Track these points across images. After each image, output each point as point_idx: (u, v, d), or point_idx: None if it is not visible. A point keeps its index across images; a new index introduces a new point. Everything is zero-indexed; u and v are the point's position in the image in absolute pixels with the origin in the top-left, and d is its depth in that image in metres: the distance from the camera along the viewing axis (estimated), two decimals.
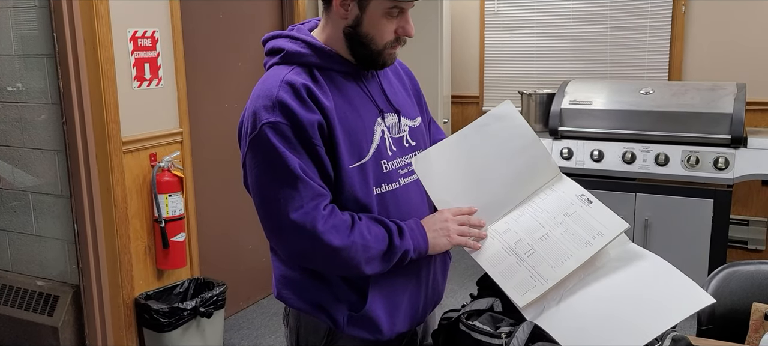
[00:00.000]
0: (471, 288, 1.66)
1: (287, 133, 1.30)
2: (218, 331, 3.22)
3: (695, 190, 3.52)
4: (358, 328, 1.42)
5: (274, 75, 1.37)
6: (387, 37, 1.38)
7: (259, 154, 1.32)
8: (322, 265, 1.38)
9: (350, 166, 1.36)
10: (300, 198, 1.29)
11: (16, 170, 3.22)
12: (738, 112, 3.43)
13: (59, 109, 2.96)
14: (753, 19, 4.01)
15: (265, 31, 4.19)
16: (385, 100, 1.47)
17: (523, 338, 1.29)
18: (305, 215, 1.29)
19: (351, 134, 1.37)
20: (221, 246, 3.72)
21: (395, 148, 1.45)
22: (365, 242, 1.32)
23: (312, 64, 1.38)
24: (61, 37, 2.85)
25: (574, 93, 3.92)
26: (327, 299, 1.42)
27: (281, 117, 1.30)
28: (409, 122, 1.51)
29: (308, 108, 1.32)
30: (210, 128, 3.58)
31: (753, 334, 1.82)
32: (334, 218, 1.31)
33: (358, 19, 1.36)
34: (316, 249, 1.31)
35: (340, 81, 1.40)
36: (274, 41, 1.45)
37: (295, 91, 1.32)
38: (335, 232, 1.30)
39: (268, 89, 1.34)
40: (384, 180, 1.41)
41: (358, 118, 1.39)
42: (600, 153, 3.69)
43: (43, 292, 3.17)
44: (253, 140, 1.32)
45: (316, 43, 1.40)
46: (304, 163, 1.31)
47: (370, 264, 1.35)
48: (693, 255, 3.55)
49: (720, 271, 1.97)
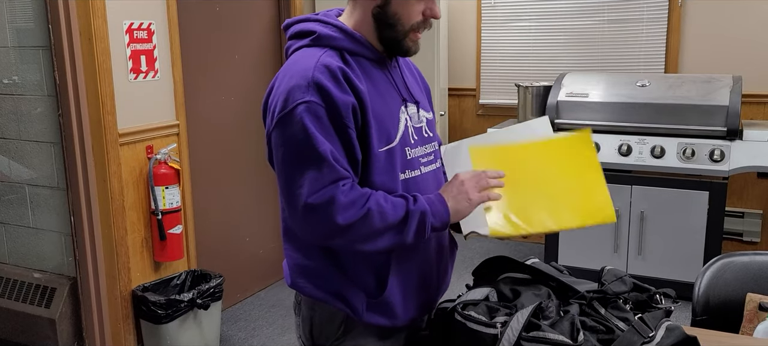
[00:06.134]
0: (467, 279, 1.67)
1: (321, 113, 1.31)
2: (215, 323, 3.22)
3: (691, 182, 3.54)
4: (377, 314, 1.44)
5: (307, 56, 1.38)
6: (414, 18, 1.40)
7: (287, 132, 1.33)
8: (342, 240, 1.36)
9: (379, 150, 1.38)
10: (322, 180, 1.30)
11: (12, 163, 3.22)
12: (734, 104, 3.44)
13: (55, 102, 2.95)
14: (749, 11, 4.01)
15: (261, 24, 4.21)
16: (406, 91, 1.50)
17: (517, 328, 1.29)
18: (322, 195, 1.30)
19: (380, 119, 1.39)
20: (218, 238, 3.72)
21: (416, 137, 1.48)
22: (381, 209, 1.33)
23: (343, 48, 1.40)
24: (56, 29, 2.84)
25: (570, 85, 3.93)
26: (345, 287, 1.43)
27: (316, 97, 1.31)
28: (425, 114, 1.54)
29: (343, 90, 1.33)
30: (206, 120, 3.58)
31: (747, 324, 1.84)
32: (352, 193, 1.33)
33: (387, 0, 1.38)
34: (334, 226, 1.31)
35: (368, 67, 1.42)
36: (303, 24, 1.46)
37: (331, 73, 1.33)
38: (352, 206, 1.31)
39: (303, 70, 1.34)
40: (407, 166, 1.44)
41: (385, 104, 1.42)
42: (596, 145, 3.70)
43: (40, 284, 3.17)
44: (284, 118, 1.33)
45: (346, 28, 1.42)
46: (332, 145, 1.32)
47: (389, 233, 1.35)
48: (688, 247, 3.57)
49: (715, 262, 1.98)
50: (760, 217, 4.11)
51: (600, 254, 3.78)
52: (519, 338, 1.28)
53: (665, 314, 1.45)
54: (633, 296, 1.50)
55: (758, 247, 4.12)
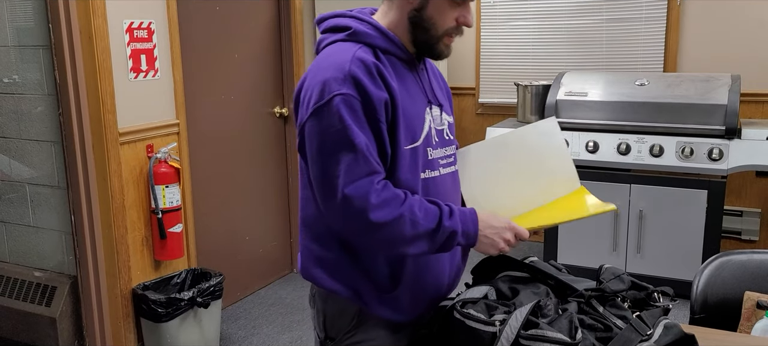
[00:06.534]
0: (466, 277, 1.68)
1: (356, 107, 1.34)
2: (215, 321, 3.23)
3: (689, 181, 3.54)
4: (386, 308, 1.48)
5: (343, 50, 1.41)
6: (448, 24, 1.43)
7: (323, 123, 1.35)
8: (370, 239, 1.39)
9: (405, 147, 1.41)
10: (357, 172, 1.33)
11: (12, 162, 3.22)
12: (732, 103, 3.45)
13: (55, 101, 2.96)
14: (747, 11, 4.02)
15: (261, 23, 4.21)
16: (432, 93, 1.53)
17: (516, 326, 1.30)
18: (359, 188, 1.33)
19: (408, 117, 1.42)
20: (218, 237, 3.73)
21: (438, 139, 1.51)
22: (414, 217, 1.36)
23: (376, 46, 1.43)
24: (56, 29, 2.85)
25: (569, 84, 3.93)
26: (358, 280, 1.47)
27: (352, 90, 1.34)
28: (447, 118, 1.58)
29: (378, 86, 1.36)
30: (207, 119, 3.58)
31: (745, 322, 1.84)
32: (386, 192, 1.35)
33: (424, 3, 1.41)
34: (366, 222, 1.34)
35: (398, 66, 1.46)
36: (338, 19, 1.49)
37: (367, 68, 1.36)
38: (386, 205, 1.34)
39: (340, 63, 1.37)
40: (428, 166, 1.47)
41: (413, 104, 1.45)
42: (595, 144, 3.71)
43: (40, 283, 3.18)
44: (320, 109, 1.35)
45: (381, 26, 1.45)
46: (367, 138, 1.35)
47: (417, 242, 1.38)
48: (687, 246, 3.58)
49: (713, 260, 1.99)
50: (759, 215, 4.11)
51: (599, 253, 3.79)
52: (517, 336, 1.29)
53: (663, 312, 1.45)
54: (631, 295, 1.51)
55: (757, 245, 4.12)
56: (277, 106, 4.07)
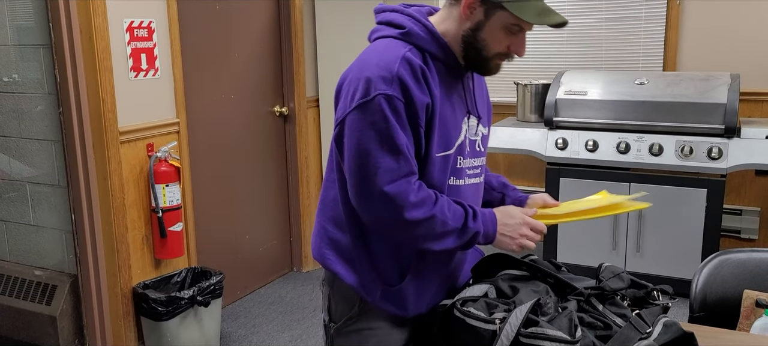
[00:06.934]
0: None
1: (399, 108, 1.37)
2: (215, 320, 3.23)
3: (689, 180, 3.55)
4: (389, 302, 1.50)
5: (393, 48, 1.42)
6: (499, 49, 1.46)
7: (367, 120, 1.37)
8: (401, 233, 1.44)
9: (437, 154, 1.44)
10: (397, 171, 1.37)
11: (12, 161, 3.22)
12: (732, 102, 3.45)
13: (56, 100, 2.96)
14: (747, 9, 4.02)
15: (261, 22, 4.20)
16: (473, 103, 1.55)
17: (516, 324, 1.31)
18: (398, 187, 1.37)
19: (444, 125, 1.45)
20: (218, 236, 3.73)
21: (469, 149, 1.54)
22: (444, 218, 1.40)
23: (426, 50, 1.45)
24: (57, 28, 2.85)
25: (569, 83, 3.93)
26: (366, 269, 1.50)
27: (398, 92, 1.36)
28: (482, 130, 1.60)
29: (422, 90, 1.39)
30: (207, 118, 3.58)
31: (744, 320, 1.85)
32: (422, 192, 1.39)
33: (480, 24, 1.43)
34: (400, 219, 1.38)
35: (443, 73, 1.47)
36: (395, 15, 1.50)
37: (413, 70, 1.39)
38: (421, 205, 1.38)
39: (388, 62, 1.39)
40: (455, 174, 1.50)
41: (453, 112, 1.47)
42: (595, 143, 3.71)
43: (40, 281, 3.18)
44: (364, 105, 1.37)
45: (436, 31, 1.46)
46: (408, 139, 1.38)
47: (444, 239, 1.42)
48: (686, 244, 3.58)
49: (712, 258, 1.99)
50: (758, 214, 4.12)
51: (598, 251, 3.79)
52: (518, 334, 1.30)
53: (662, 311, 1.46)
54: (630, 293, 1.51)
55: (756, 244, 4.13)
56: (277, 105, 4.08)
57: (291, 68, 4.08)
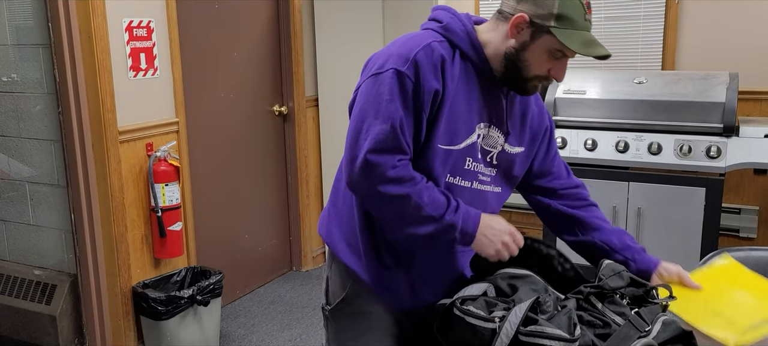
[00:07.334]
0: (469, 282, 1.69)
1: (408, 87, 1.40)
2: (215, 319, 3.24)
3: (688, 178, 3.55)
4: (381, 286, 1.53)
5: (423, 36, 1.46)
6: (540, 71, 1.47)
7: (374, 89, 1.41)
8: (376, 207, 1.46)
9: (439, 145, 1.45)
10: (384, 142, 1.38)
11: (12, 161, 3.22)
12: (730, 101, 3.45)
13: (55, 100, 2.96)
14: (745, 8, 4.02)
15: (260, 21, 4.20)
16: (500, 116, 1.54)
17: (515, 322, 1.31)
18: (381, 158, 1.38)
19: (453, 120, 1.45)
20: (218, 235, 3.74)
21: (480, 157, 1.53)
22: (419, 201, 1.40)
23: (459, 47, 1.47)
24: (56, 27, 2.85)
25: (568, 82, 3.94)
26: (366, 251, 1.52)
27: (411, 72, 1.40)
28: (508, 147, 1.58)
29: (436, 76, 1.41)
30: (206, 118, 3.59)
31: None
32: (403, 170, 1.40)
33: (525, 45, 1.44)
34: (374, 191, 1.40)
35: (472, 76, 1.48)
36: (442, 13, 1.53)
37: (433, 57, 1.42)
38: (398, 182, 1.39)
39: (411, 46, 1.43)
40: (460, 174, 1.50)
41: (468, 112, 1.48)
42: (593, 142, 3.71)
43: (40, 281, 3.18)
44: (377, 76, 1.42)
45: (474, 36, 1.48)
46: (406, 117, 1.40)
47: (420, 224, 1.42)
48: (685, 243, 3.59)
49: (711, 257, 2.00)
50: (757, 213, 4.12)
51: None
52: (517, 332, 1.30)
53: (662, 309, 1.46)
54: (630, 291, 1.51)
55: (755, 243, 4.13)
56: (276, 105, 4.08)
57: (290, 68, 4.08)
